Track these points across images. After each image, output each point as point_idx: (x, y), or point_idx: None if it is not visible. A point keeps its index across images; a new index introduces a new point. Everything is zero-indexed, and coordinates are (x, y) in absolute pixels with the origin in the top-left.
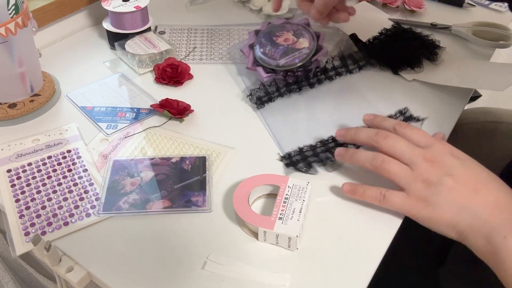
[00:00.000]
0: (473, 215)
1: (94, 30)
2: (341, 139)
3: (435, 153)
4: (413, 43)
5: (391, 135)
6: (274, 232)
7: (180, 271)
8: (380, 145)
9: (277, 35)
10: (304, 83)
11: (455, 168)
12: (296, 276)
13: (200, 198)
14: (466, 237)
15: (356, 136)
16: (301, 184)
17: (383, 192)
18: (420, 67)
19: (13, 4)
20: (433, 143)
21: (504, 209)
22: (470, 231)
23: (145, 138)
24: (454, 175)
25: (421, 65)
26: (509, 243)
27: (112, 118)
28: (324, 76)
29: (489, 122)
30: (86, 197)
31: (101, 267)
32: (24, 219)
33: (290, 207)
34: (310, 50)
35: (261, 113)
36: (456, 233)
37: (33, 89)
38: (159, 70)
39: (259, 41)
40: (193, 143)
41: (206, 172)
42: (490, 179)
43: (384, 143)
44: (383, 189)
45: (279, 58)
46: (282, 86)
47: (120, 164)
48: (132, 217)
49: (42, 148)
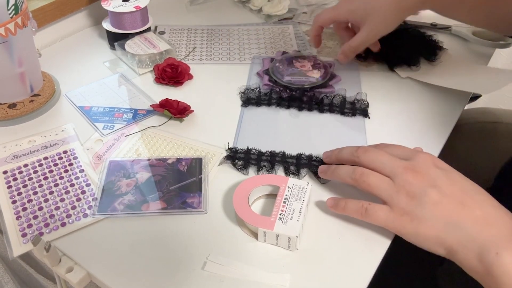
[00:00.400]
0: (462, 231)
1: (94, 30)
2: (328, 160)
3: (417, 163)
4: (414, 42)
5: (372, 149)
6: (274, 233)
7: (180, 272)
8: (360, 160)
9: (298, 60)
10: (295, 103)
11: (439, 179)
12: (296, 276)
13: (196, 200)
14: (455, 254)
15: (339, 155)
16: (301, 185)
17: (365, 206)
18: (417, 65)
19: (13, 4)
20: (415, 154)
21: (493, 225)
22: (460, 248)
23: (140, 139)
24: (438, 186)
25: (419, 63)
26: (502, 260)
27: (109, 118)
28: (317, 106)
29: (489, 123)
30: (83, 197)
31: (101, 268)
32: (21, 220)
33: (290, 207)
34: (317, 81)
35: (243, 110)
36: (445, 250)
37: (32, 89)
38: (159, 70)
39: (281, 58)
40: (188, 144)
41: (202, 174)
42: (477, 191)
43: (364, 157)
44: (365, 202)
45: (286, 75)
46: (274, 97)
47: (115, 164)
48: (130, 218)
49: (38, 149)
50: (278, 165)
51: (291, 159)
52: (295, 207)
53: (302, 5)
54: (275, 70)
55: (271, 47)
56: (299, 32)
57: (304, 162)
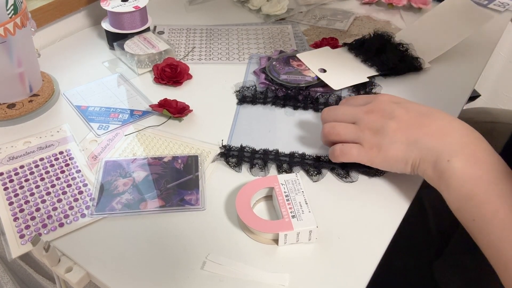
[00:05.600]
0: (420, 146)
1: (93, 30)
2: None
3: (375, 105)
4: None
5: (334, 106)
6: (294, 232)
7: (179, 271)
8: (326, 118)
9: (294, 59)
10: (290, 102)
11: (395, 111)
12: (295, 276)
13: (194, 197)
14: (417, 168)
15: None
16: (292, 178)
17: (340, 147)
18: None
19: (12, 4)
20: (373, 98)
21: (447, 134)
22: (420, 162)
23: (135, 139)
24: (396, 117)
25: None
26: (452, 166)
27: (105, 118)
28: (312, 105)
29: (487, 123)
30: (81, 197)
31: (100, 267)
32: (18, 221)
33: (295, 202)
34: (313, 80)
35: (238, 108)
36: (411, 167)
37: (32, 89)
38: (158, 70)
39: (278, 57)
40: (183, 143)
41: (199, 171)
42: (432, 111)
43: (329, 115)
44: (340, 144)
45: (283, 73)
46: (270, 96)
47: (112, 164)
48: (129, 217)
49: (34, 150)
50: (271, 163)
51: (284, 157)
52: (299, 200)
53: (301, 5)
54: (272, 69)
55: (270, 46)
56: (298, 32)
57: (297, 160)
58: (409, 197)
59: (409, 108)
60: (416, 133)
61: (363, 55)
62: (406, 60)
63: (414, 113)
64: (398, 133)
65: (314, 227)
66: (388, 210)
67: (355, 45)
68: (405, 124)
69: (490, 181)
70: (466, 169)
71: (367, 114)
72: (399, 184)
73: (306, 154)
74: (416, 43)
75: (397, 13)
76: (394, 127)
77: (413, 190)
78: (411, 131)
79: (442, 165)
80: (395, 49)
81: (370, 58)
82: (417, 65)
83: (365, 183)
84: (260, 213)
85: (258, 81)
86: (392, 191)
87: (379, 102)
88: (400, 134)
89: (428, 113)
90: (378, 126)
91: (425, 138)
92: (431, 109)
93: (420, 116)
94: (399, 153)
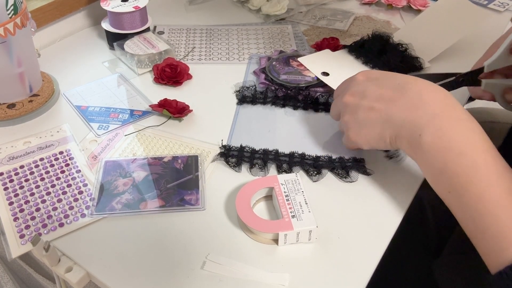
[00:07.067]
0: (394, 123)
1: (93, 31)
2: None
3: (351, 88)
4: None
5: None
6: (294, 232)
7: (179, 271)
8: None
9: (294, 59)
10: (290, 102)
11: (367, 89)
12: (295, 276)
13: (194, 197)
14: (395, 144)
15: None
16: (291, 178)
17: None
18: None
19: (12, 4)
20: (351, 80)
21: (418, 107)
22: (396, 138)
23: (135, 139)
24: (367, 96)
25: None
26: (423, 140)
27: (105, 118)
28: (312, 105)
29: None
30: (81, 197)
31: (100, 267)
32: (18, 221)
33: (295, 202)
34: (313, 80)
35: (238, 108)
36: (390, 144)
37: (32, 90)
38: (158, 70)
39: (278, 57)
40: (183, 143)
41: (199, 171)
42: (405, 81)
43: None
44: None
45: (283, 73)
46: (270, 96)
47: (111, 164)
48: (129, 217)
49: (34, 150)
50: (270, 163)
51: (284, 157)
52: (299, 200)
53: (301, 5)
54: (272, 69)
55: (270, 46)
56: (298, 32)
57: (297, 160)
58: (409, 197)
59: (383, 83)
60: (390, 110)
61: (364, 56)
62: (407, 61)
63: (387, 88)
64: (372, 112)
65: (314, 227)
66: (387, 210)
67: (354, 47)
68: (377, 102)
69: (461, 152)
70: (435, 143)
71: (344, 100)
72: (399, 184)
73: (306, 154)
74: (415, 42)
75: (397, 13)
76: (366, 106)
77: (412, 190)
78: (383, 108)
79: (415, 140)
80: (395, 49)
81: (371, 59)
82: (417, 65)
83: (365, 183)
84: (260, 213)
85: (258, 81)
86: (391, 191)
87: (354, 83)
88: (374, 113)
89: (402, 84)
90: (352, 109)
91: (398, 113)
92: (406, 79)
93: (393, 90)
94: (376, 132)
